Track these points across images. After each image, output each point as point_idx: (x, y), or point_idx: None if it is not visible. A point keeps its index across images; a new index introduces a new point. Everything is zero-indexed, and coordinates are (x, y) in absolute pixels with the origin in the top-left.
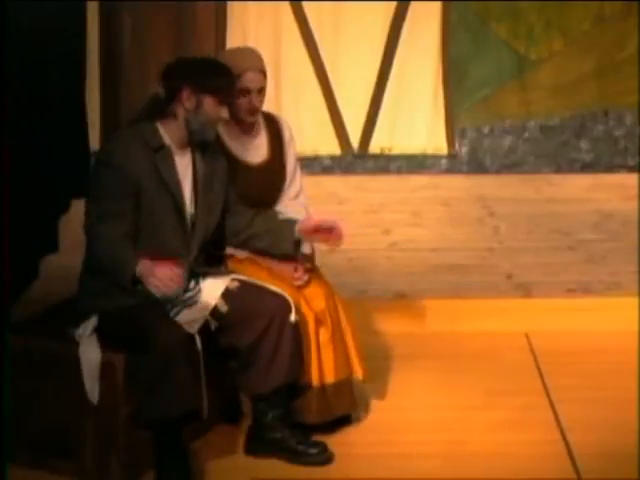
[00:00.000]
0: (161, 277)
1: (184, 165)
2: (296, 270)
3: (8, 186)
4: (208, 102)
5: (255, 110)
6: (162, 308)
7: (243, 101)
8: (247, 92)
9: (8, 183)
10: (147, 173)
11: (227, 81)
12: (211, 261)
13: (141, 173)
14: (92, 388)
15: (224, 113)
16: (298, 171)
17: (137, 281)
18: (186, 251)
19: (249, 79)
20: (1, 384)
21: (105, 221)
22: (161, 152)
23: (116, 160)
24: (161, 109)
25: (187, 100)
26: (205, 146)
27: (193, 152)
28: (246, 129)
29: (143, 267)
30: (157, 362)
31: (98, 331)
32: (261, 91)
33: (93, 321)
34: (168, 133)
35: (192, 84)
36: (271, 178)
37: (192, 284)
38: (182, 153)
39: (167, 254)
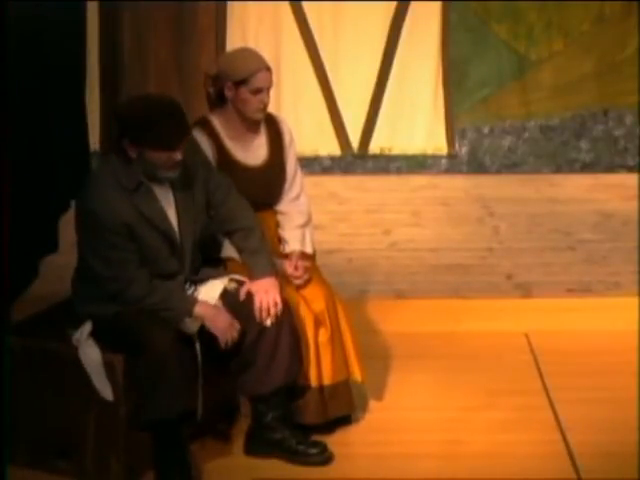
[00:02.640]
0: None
1: (164, 192)
2: (296, 268)
3: (8, 186)
4: (149, 153)
5: (265, 107)
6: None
7: (254, 100)
8: (259, 91)
9: (8, 183)
10: (131, 213)
11: (168, 130)
12: (209, 264)
13: (125, 215)
14: (103, 386)
15: (177, 156)
16: (299, 172)
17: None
18: (182, 269)
19: (261, 79)
20: (1, 384)
21: (120, 267)
22: (140, 190)
23: (98, 209)
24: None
25: (129, 150)
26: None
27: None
28: (251, 128)
29: (206, 311)
30: (150, 365)
31: (94, 335)
32: (269, 89)
33: (88, 326)
34: (139, 170)
35: (130, 138)
36: (271, 179)
37: (187, 284)
38: (161, 184)
39: (165, 276)
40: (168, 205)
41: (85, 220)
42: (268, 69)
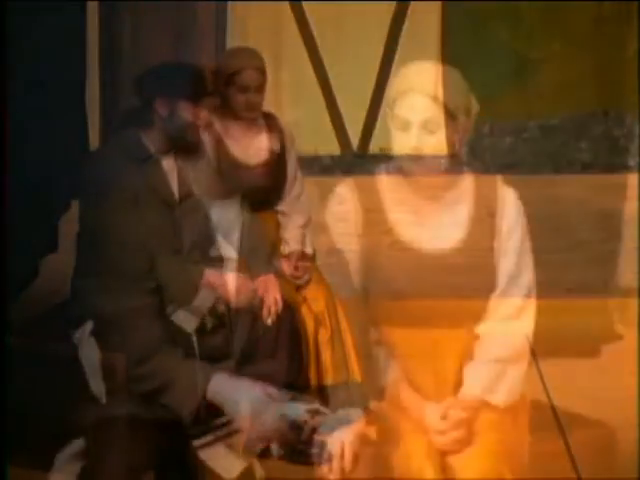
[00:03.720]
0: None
1: (170, 168)
2: (296, 269)
3: (8, 186)
4: (182, 106)
5: (253, 107)
6: (156, 309)
7: (241, 98)
8: (245, 89)
9: (8, 183)
10: (137, 182)
11: (197, 81)
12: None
13: (131, 184)
14: (98, 388)
15: (202, 112)
16: (299, 172)
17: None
18: (181, 249)
19: (247, 77)
20: (1, 384)
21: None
22: (149, 162)
23: (104, 175)
24: (139, 118)
25: (161, 107)
26: (188, 148)
27: (175, 153)
28: (246, 127)
29: (212, 278)
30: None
31: (95, 334)
32: (260, 89)
33: (89, 325)
34: (151, 141)
35: (164, 91)
36: (271, 179)
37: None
38: (167, 157)
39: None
40: (172, 179)
41: (89, 189)
42: (258, 69)
